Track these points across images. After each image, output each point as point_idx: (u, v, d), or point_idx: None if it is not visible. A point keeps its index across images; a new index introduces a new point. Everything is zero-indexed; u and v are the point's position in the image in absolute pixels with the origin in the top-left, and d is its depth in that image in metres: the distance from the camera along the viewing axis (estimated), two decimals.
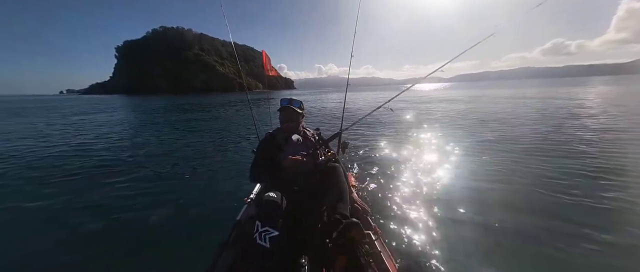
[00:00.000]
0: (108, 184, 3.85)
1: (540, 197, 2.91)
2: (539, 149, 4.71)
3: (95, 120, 12.83)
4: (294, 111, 1.88)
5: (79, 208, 3.13)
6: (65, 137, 7.94)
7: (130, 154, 5.75)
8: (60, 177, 4.22)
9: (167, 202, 3.16)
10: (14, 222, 2.88)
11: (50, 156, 5.56)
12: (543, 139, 5.43)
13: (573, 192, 2.94)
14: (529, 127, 6.80)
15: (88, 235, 2.57)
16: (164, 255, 2.22)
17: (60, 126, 10.61)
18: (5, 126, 10.78)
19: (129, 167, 4.67)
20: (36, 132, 9.13)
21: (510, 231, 2.31)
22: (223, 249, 1.48)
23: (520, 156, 4.35)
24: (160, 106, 22.66)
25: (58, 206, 3.20)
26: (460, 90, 38.06)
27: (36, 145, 6.76)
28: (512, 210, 2.64)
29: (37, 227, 2.75)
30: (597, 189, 3.00)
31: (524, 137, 5.66)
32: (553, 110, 9.94)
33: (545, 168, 3.72)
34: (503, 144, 5.18)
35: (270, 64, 2.77)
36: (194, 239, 2.39)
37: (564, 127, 6.70)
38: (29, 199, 3.39)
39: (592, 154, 4.32)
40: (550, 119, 8.08)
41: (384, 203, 2.84)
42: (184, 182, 3.92)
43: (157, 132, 8.83)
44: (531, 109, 10.83)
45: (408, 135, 6.51)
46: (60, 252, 2.31)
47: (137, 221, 2.77)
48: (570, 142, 5.14)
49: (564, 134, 5.85)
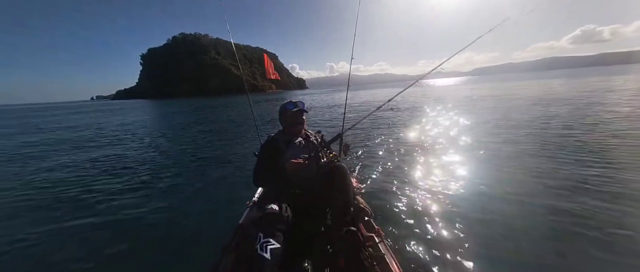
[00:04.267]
0: (109, 184, 3.93)
1: (553, 202, 2.72)
2: (558, 153, 4.28)
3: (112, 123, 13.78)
4: (302, 114, 1.90)
5: (80, 207, 3.16)
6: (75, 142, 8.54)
7: (136, 155, 6.01)
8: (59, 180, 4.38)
9: (169, 205, 3.18)
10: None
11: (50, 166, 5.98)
12: (562, 141, 4.95)
13: (581, 199, 2.70)
14: (543, 128, 6.20)
15: (88, 237, 2.57)
16: (165, 257, 2.23)
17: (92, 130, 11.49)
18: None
19: (132, 169, 4.78)
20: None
21: (519, 235, 2.21)
22: (225, 252, 1.49)
23: (532, 159, 4.05)
24: (176, 110, 23.63)
25: (55, 206, 3.26)
26: (479, 83, 36.27)
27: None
28: (521, 215, 2.52)
29: (31, 228, 2.77)
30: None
31: (535, 139, 5.19)
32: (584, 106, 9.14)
33: (562, 174, 3.43)
34: (512, 146, 4.83)
35: (272, 67, 2.78)
36: (196, 241, 2.40)
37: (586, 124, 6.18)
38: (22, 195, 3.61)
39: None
40: (580, 116, 7.38)
41: (387, 205, 2.79)
42: (187, 184, 3.94)
43: (166, 134, 9.22)
44: (555, 105, 10.10)
45: (411, 136, 6.35)
46: (57, 255, 2.31)
47: (138, 223, 2.78)
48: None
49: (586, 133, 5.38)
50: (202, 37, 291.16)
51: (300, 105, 1.92)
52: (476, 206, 2.69)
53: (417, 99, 15.70)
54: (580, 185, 3.00)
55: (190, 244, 2.36)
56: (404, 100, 14.99)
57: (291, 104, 1.92)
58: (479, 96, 16.05)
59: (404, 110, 11.17)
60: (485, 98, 14.53)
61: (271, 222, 1.31)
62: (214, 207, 3.12)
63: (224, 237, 1.63)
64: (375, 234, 1.54)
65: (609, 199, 2.66)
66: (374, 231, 1.59)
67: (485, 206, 2.70)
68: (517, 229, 2.29)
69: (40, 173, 4.93)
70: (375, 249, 1.43)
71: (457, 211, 2.59)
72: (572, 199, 2.72)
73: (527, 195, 2.88)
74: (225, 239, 1.60)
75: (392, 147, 5.31)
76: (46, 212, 3.19)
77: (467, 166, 3.90)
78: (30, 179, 4.54)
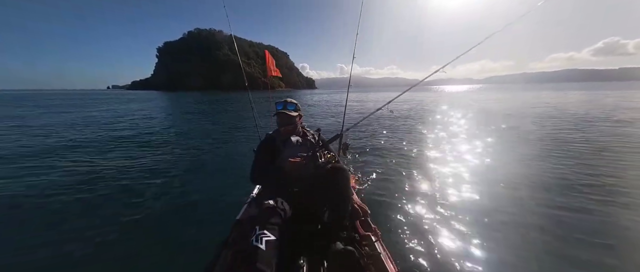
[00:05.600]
0: (108, 180, 3.86)
1: (547, 202, 2.78)
2: (556, 151, 4.47)
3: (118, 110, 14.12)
4: (288, 115, 1.85)
5: (79, 208, 3.07)
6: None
7: (136, 148, 5.99)
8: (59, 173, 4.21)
9: (166, 201, 3.15)
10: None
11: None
12: (563, 142, 5.08)
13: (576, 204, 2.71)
14: (543, 130, 6.39)
15: (86, 233, 2.51)
16: (163, 254, 2.21)
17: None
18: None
19: (132, 163, 4.69)
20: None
21: (513, 234, 2.24)
22: (222, 248, 1.47)
23: (529, 159, 4.17)
24: (184, 103, 23.83)
25: (54, 206, 3.11)
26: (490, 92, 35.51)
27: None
28: (517, 214, 2.55)
29: (27, 224, 2.74)
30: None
31: (535, 141, 5.35)
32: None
33: (557, 173, 3.55)
34: (511, 147, 4.95)
35: (273, 65, 2.80)
36: (194, 238, 2.38)
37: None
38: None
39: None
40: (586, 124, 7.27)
41: (384, 204, 2.82)
42: (185, 180, 3.88)
43: (168, 128, 9.19)
44: (557, 110, 9.97)
45: (410, 136, 6.40)
46: (55, 250, 2.28)
47: (136, 219, 2.74)
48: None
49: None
50: (217, 34, 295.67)
51: (288, 107, 1.88)
52: (472, 206, 2.72)
53: (420, 103, 15.45)
54: (580, 188, 3.04)
55: (187, 240, 2.34)
56: (406, 103, 14.83)
57: (280, 103, 1.90)
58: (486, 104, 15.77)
59: (404, 113, 11.18)
60: (494, 104, 14.29)
61: (267, 216, 1.33)
62: (211, 203, 3.09)
63: (221, 234, 1.62)
64: (372, 233, 1.56)
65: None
66: (371, 230, 1.60)
67: (481, 207, 2.72)
68: (514, 229, 2.31)
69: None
70: (372, 248, 1.45)
71: (453, 211, 2.62)
72: (568, 199, 2.76)
73: (525, 196, 2.90)
74: (223, 236, 1.59)
75: (391, 147, 5.35)
76: (44, 211, 3.03)
77: (464, 167, 3.93)
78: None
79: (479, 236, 2.22)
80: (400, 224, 2.44)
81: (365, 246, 1.47)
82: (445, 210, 2.66)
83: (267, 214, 1.34)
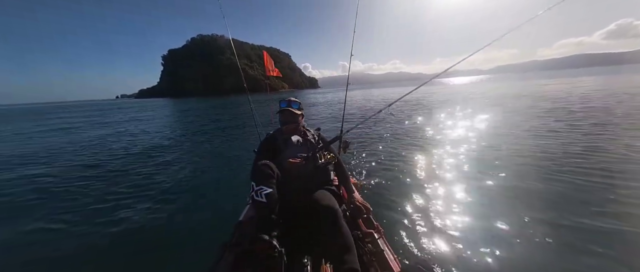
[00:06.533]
0: (110, 183, 3.95)
1: (554, 198, 2.70)
2: (561, 155, 4.03)
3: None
4: (292, 113, 1.88)
5: (80, 209, 3.12)
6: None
7: (138, 152, 6.19)
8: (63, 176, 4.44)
9: (169, 203, 3.18)
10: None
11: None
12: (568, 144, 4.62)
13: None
14: (545, 131, 5.80)
15: (88, 236, 2.55)
16: (166, 255, 2.22)
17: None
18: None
19: (134, 167, 4.84)
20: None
21: (516, 232, 2.20)
22: (225, 249, 1.47)
23: (533, 158, 3.94)
24: (188, 108, 24.28)
25: (53, 206, 3.22)
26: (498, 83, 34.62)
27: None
28: (518, 211, 2.50)
29: (27, 226, 2.79)
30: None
31: (536, 141, 4.92)
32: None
33: (561, 172, 3.34)
34: (513, 147, 4.64)
35: (272, 65, 2.82)
36: (196, 239, 2.39)
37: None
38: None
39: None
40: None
41: (386, 201, 2.80)
42: (187, 182, 3.93)
43: (171, 133, 9.44)
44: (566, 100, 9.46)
45: (411, 133, 6.31)
46: (56, 253, 2.31)
47: (138, 221, 2.77)
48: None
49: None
50: (219, 38, 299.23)
51: (293, 105, 1.91)
52: (474, 204, 2.68)
53: (422, 99, 15.28)
54: (579, 192, 2.88)
55: (190, 242, 2.36)
56: (411, 98, 14.70)
57: (284, 101, 1.94)
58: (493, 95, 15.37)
59: (406, 109, 10.98)
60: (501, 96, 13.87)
61: (262, 173, 1.48)
62: (214, 205, 3.12)
63: (224, 234, 1.64)
64: (375, 230, 1.55)
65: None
66: (373, 227, 1.60)
67: (485, 203, 2.68)
68: (515, 228, 2.27)
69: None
70: (375, 245, 1.44)
71: (456, 208, 2.59)
72: (571, 207, 2.60)
73: (526, 195, 2.83)
74: (225, 237, 1.59)
75: (393, 144, 5.31)
76: (41, 212, 3.13)
77: (467, 164, 3.85)
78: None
79: (482, 231, 2.20)
80: (402, 220, 2.42)
81: (368, 243, 1.47)
82: (448, 206, 2.63)
83: (262, 171, 1.48)
